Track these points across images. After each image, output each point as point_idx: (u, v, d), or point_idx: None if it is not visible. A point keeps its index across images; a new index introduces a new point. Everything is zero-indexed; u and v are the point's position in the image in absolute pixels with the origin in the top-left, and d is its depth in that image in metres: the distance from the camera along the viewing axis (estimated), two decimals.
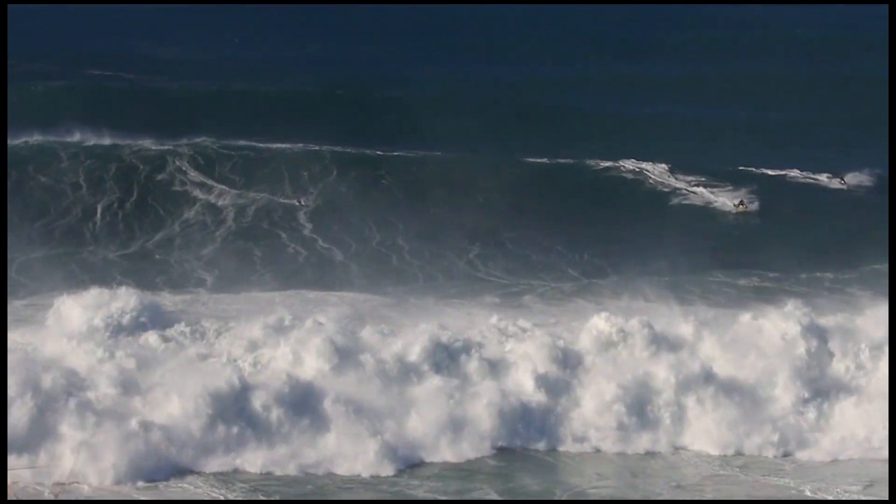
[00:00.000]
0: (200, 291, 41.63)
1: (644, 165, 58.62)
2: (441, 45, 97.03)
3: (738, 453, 31.77)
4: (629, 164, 58.67)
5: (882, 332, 34.92)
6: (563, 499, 28.89)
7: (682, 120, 71.68)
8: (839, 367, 34.08)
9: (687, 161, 59.92)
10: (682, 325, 34.77)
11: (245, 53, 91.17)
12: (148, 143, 56.76)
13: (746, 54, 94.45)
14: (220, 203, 52.11)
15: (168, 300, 38.25)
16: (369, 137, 61.07)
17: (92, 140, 56.64)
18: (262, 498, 28.13)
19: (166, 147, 56.45)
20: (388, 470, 29.45)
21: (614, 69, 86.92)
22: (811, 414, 32.80)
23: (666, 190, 56.73)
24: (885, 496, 29.46)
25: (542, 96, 76.24)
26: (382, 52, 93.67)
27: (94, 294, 33.96)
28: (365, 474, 29.32)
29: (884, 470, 31.20)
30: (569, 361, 32.97)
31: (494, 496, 28.85)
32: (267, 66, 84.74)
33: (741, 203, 54.67)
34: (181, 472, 29.03)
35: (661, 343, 33.91)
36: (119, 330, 32.90)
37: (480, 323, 35.02)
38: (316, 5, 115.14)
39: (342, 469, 29.52)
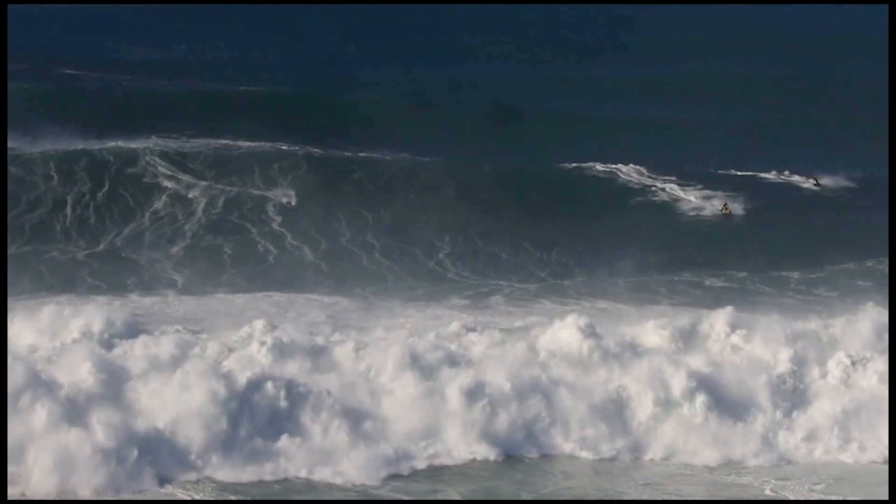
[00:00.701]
0: (170, 294, 41.50)
1: (616, 166, 58.87)
2: (409, 46, 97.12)
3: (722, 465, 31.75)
4: (601, 165, 58.90)
5: (844, 334, 35.11)
6: (541, 499, 28.93)
7: (656, 121, 71.94)
8: (809, 375, 34.12)
9: (659, 162, 60.15)
10: (653, 334, 34.63)
11: (215, 54, 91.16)
12: (119, 142, 56.78)
13: (722, 55, 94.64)
14: (190, 195, 52.17)
15: (137, 304, 38.14)
16: (338, 138, 61.36)
17: (62, 138, 56.66)
18: (231, 498, 28.18)
19: (136, 146, 56.53)
20: (363, 477, 29.43)
21: (588, 71, 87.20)
22: (784, 423, 32.84)
23: (637, 190, 56.93)
24: (850, 495, 29.72)
25: (514, 98, 76.42)
26: (349, 52, 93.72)
27: (48, 315, 33.20)
28: (339, 481, 29.30)
29: (846, 469, 31.49)
30: (537, 368, 32.86)
31: (456, 497, 29.01)
32: (237, 66, 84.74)
33: (725, 207, 54.81)
34: (160, 481, 28.88)
35: (630, 352, 33.77)
36: (84, 345, 32.21)
37: (449, 326, 35.03)
38: (287, 5, 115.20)
39: (318, 476, 29.51)
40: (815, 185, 59.62)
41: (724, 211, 54.61)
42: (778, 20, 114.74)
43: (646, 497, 29.58)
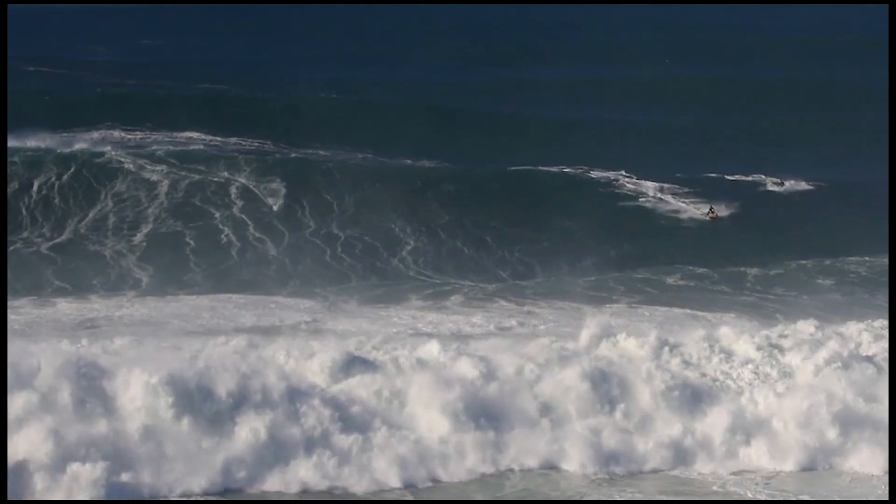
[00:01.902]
0: (132, 294, 41.59)
1: (585, 168, 59.77)
2: (361, 47, 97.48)
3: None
4: (570, 168, 59.95)
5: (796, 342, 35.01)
6: (530, 499, 28.74)
7: (619, 124, 72.53)
8: (766, 383, 33.90)
9: (624, 163, 61.09)
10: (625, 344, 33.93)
11: (174, 54, 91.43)
12: (83, 137, 57.41)
13: (684, 57, 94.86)
14: (154, 178, 52.77)
15: (98, 305, 38.17)
16: (298, 136, 62.44)
17: (25, 134, 57.24)
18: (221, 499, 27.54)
19: (103, 148, 57.15)
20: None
21: (544, 73, 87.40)
22: (742, 427, 32.75)
23: (605, 188, 57.66)
24: (801, 493, 30.08)
25: (475, 102, 76.54)
26: (292, 54, 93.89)
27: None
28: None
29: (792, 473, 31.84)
30: (485, 383, 32.08)
31: (409, 497, 29.24)
32: (200, 67, 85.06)
33: (711, 210, 55.27)
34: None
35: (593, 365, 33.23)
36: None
37: (403, 329, 35.07)
38: (241, 5, 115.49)
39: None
40: (779, 185, 60.41)
41: (710, 215, 55.04)
42: (735, 22, 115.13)
43: (604, 497, 29.72)
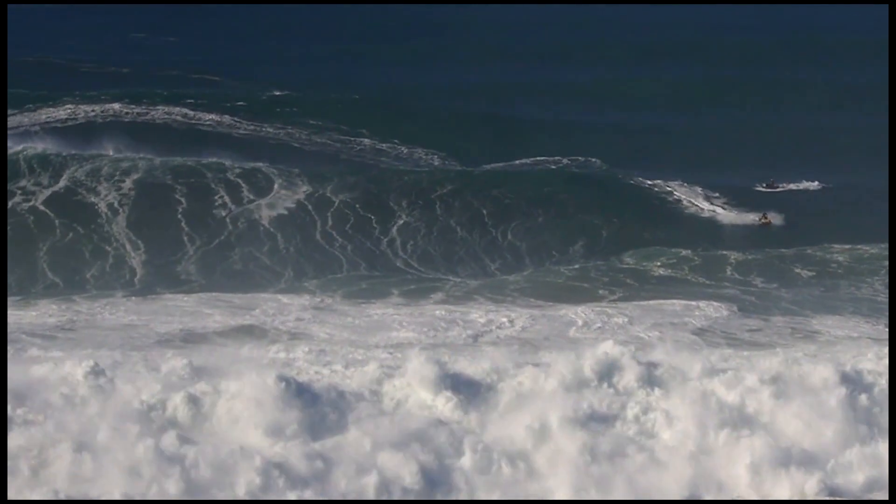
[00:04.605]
0: (119, 296, 41.64)
1: (579, 160, 61.02)
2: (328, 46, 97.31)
3: None
4: (567, 160, 61.41)
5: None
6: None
7: (623, 125, 72.92)
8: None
9: (623, 159, 62.55)
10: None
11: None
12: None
13: (662, 59, 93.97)
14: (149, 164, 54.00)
15: (84, 309, 38.92)
16: (292, 124, 65.42)
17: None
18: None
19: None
20: None
21: (543, 75, 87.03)
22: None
23: (597, 180, 58.78)
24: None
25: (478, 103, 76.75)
26: (273, 52, 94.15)
27: None
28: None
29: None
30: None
31: None
32: (198, 65, 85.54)
33: (763, 216, 55.54)
34: None
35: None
36: None
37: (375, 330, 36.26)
38: (222, 5, 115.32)
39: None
40: (767, 187, 60.91)
41: (763, 220, 55.37)
42: (730, 22, 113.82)
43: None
